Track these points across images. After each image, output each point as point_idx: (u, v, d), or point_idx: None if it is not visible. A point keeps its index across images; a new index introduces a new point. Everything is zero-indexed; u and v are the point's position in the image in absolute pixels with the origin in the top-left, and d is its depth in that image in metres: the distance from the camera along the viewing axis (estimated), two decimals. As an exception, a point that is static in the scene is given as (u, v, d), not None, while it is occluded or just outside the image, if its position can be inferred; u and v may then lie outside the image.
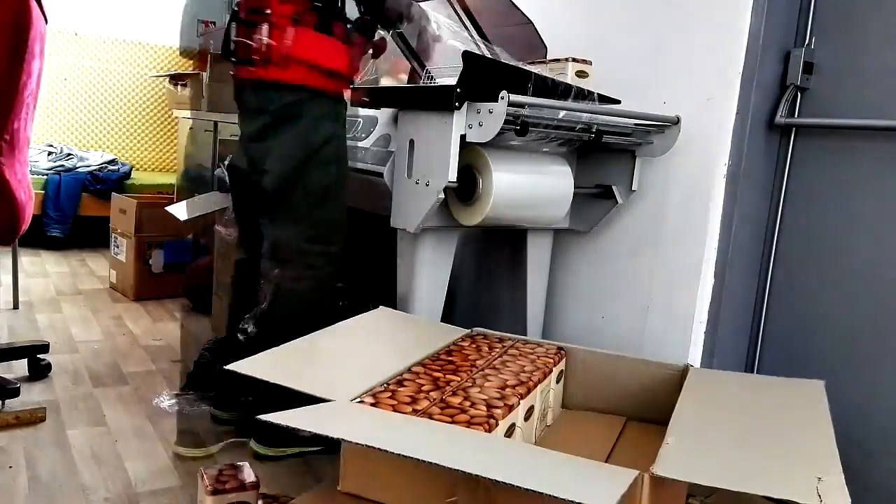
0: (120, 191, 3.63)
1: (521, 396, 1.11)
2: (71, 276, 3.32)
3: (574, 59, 1.65)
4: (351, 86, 1.61)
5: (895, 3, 1.46)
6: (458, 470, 0.77)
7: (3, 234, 1.66)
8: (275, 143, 1.55)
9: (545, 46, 1.80)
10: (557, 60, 1.68)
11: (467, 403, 1.04)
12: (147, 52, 4.45)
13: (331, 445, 1.59)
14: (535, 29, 1.78)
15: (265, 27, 1.49)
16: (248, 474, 1.29)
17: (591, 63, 1.67)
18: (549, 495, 0.72)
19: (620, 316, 1.76)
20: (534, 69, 1.46)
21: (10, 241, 1.71)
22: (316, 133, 1.54)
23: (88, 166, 3.90)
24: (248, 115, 1.62)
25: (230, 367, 1.04)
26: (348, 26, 1.57)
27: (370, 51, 1.67)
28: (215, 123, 3.00)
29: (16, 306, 2.67)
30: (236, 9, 1.56)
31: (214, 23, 3.90)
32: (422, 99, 1.46)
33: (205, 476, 1.26)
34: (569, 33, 1.86)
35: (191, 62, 4.47)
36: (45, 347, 2.08)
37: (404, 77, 1.97)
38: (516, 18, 1.79)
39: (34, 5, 1.57)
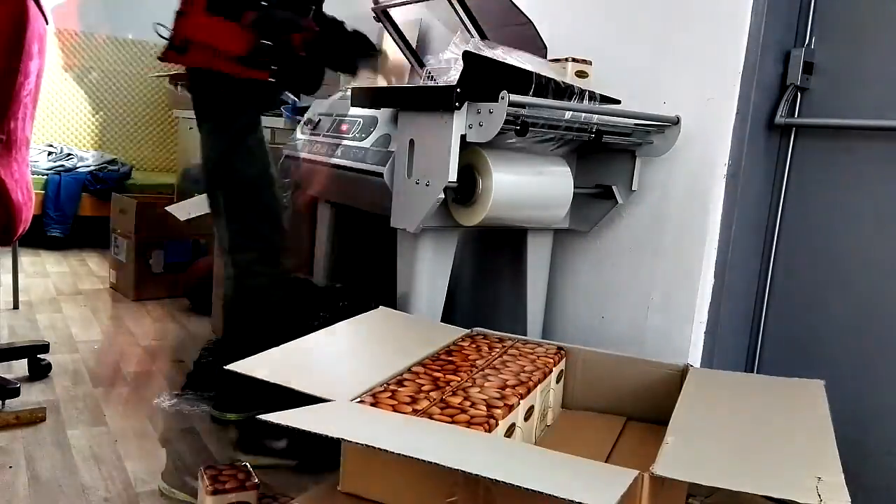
0: (120, 191, 3.63)
1: (521, 396, 1.11)
2: (71, 276, 3.32)
3: (574, 59, 1.65)
4: (251, 67, 1.52)
5: (895, 4, 1.46)
6: (458, 470, 0.77)
7: (0, 234, 1.65)
8: (202, 133, 1.54)
9: (545, 46, 1.80)
10: (557, 60, 1.68)
11: (467, 403, 1.04)
12: (147, 52, 4.45)
13: (305, 461, 1.61)
14: (535, 29, 1.78)
15: (175, 14, 1.49)
16: (249, 474, 1.29)
17: (590, 63, 1.67)
18: (549, 495, 0.72)
19: (620, 316, 1.76)
20: (534, 69, 1.46)
21: (7, 242, 1.70)
22: (234, 121, 1.51)
23: (88, 166, 3.91)
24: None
25: (230, 367, 1.04)
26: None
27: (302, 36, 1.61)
28: (215, 123, 2.99)
29: (16, 306, 2.67)
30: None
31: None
32: (422, 99, 1.46)
33: (205, 476, 1.26)
34: (569, 33, 1.86)
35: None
36: (45, 347, 2.08)
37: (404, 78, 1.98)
38: (516, 19, 1.79)
39: (31, 5, 1.56)
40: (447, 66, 1.62)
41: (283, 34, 1.56)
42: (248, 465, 1.32)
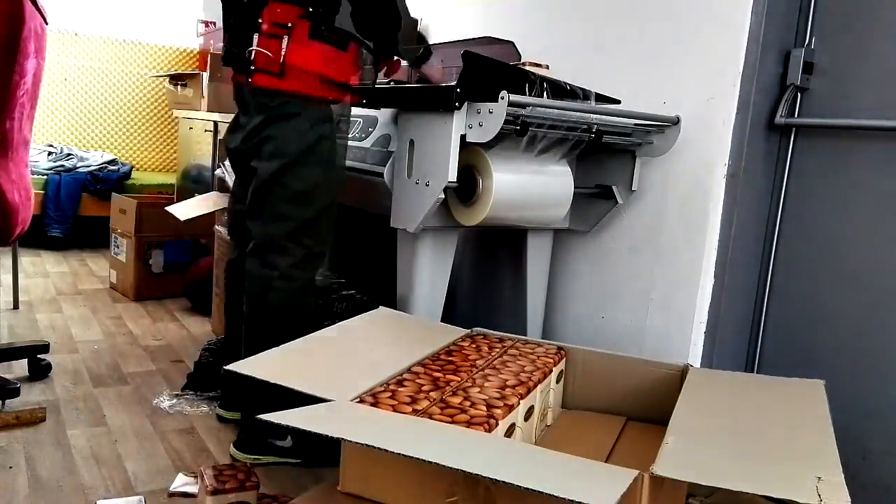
0: (120, 191, 3.63)
1: (521, 396, 1.11)
2: (71, 276, 3.32)
3: (532, 64, 1.68)
4: (347, 91, 1.62)
5: (895, 4, 1.46)
6: (458, 470, 0.77)
7: (-3, 235, 1.64)
8: (272, 136, 1.56)
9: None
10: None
11: (467, 403, 1.04)
12: (147, 52, 4.45)
13: (310, 459, 1.61)
14: (516, 47, 1.80)
15: (259, 38, 1.52)
16: (249, 474, 1.29)
17: (548, 67, 1.69)
18: (549, 495, 0.72)
19: (620, 316, 1.76)
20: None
21: (4, 243, 1.69)
22: (310, 132, 1.55)
23: (88, 166, 3.90)
24: (247, 113, 1.63)
25: (230, 367, 1.04)
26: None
27: (383, 67, 1.71)
28: (215, 123, 3.00)
29: (16, 306, 2.67)
30: (232, 21, 1.59)
31: (214, 23, 3.90)
32: (422, 99, 1.46)
33: (205, 476, 1.26)
34: (569, 33, 1.86)
35: (191, 62, 4.47)
36: (45, 347, 2.08)
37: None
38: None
39: (27, 3, 1.55)
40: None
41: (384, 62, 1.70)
42: (249, 466, 1.32)
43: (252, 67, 1.53)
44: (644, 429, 1.31)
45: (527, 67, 1.64)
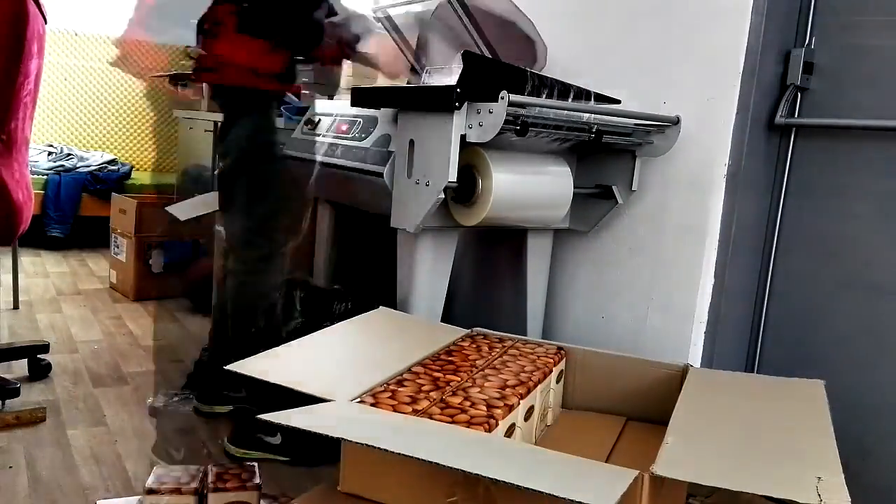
0: (120, 191, 3.63)
1: (521, 396, 1.11)
2: (71, 276, 3.32)
3: None
4: (287, 83, 1.66)
5: (895, 4, 1.46)
6: (458, 470, 0.77)
7: (1, 234, 1.66)
8: (230, 136, 1.64)
9: (545, 47, 1.80)
10: None
11: (467, 403, 1.04)
12: (147, 52, 4.45)
13: (299, 457, 1.63)
14: (538, 33, 1.78)
15: (200, 37, 1.60)
16: (251, 474, 1.29)
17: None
18: (549, 495, 0.72)
19: (620, 316, 1.76)
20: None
21: (8, 242, 1.71)
22: (257, 129, 1.62)
23: (88, 166, 3.90)
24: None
25: (230, 367, 1.04)
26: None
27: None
28: (215, 123, 3.00)
29: (16, 306, 2.67)
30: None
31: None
32: (422, 99, 1.46)
33: (209, 473, 1.27)
34: (569, 33, 1.86)
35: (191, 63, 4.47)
36: (45, 347, 2.08)
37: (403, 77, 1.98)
38: (515, 29, 1.79)
39: (31, 4, 1.56)
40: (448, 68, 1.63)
41: (313, 50, 1.72)
42: (254, 466, 1.32)
43: (197, 66, 1.60)
44: (644, 429, 1.31)
45: None
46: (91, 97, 4.35)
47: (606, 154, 1.69)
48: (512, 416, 1.07)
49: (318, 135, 1.90)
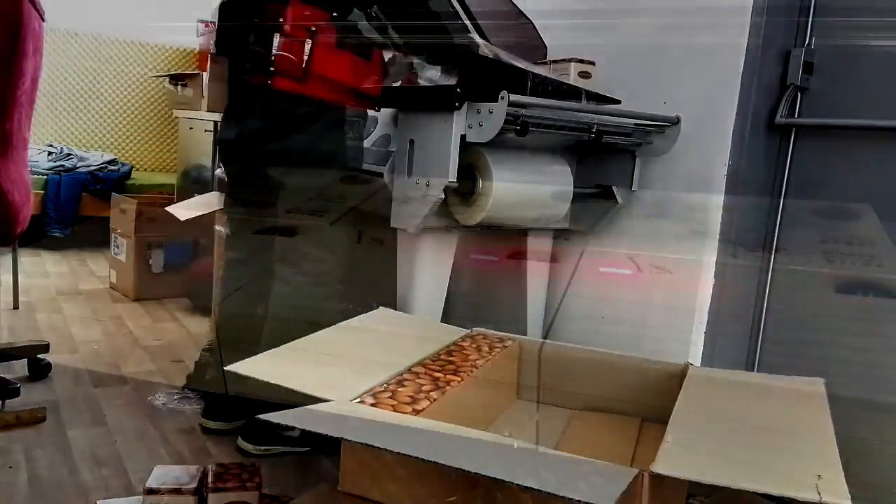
0: (120, 191, 3.62)
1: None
2: (71, 276, 3.32)
3: (577, 60, 1.65)
4: (366, 100, 1.61)
5: (895, 4, 1.46)
6: (458, 469, 0.77)
7: (-2, 235, 1.65)
8: (299, 144, 1.56)
9: (545, 46, 1.80)
10: (559, 61, 1.68)
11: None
12: (147, 52, 4.45)
13: (318, 446, 1.62)
14: (536, 29, 1.78)
15: (281, 40, 1.48)
16: (251, 474, 1.29)
17: (594, 63, 1.67)
18: (550, 494, 0.72)
19: (620, 316, 1.76)
20: (536, 69, 1.46)
21: (6, 243, 1.70)
22: (339, 143, 1.56)
23: (88, 166, 3.90)
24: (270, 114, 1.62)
25: (230, 367, 1.04)
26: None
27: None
28: (215, 123, 2.99)
29: (16, 306, 2.67)
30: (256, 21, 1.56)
31: (214, 23, 3.90)
32: (422, 99, 1.46)
33: (210, 473, 1.27)
34: (568, 32, 1.86)
35: (191, 62, 4.47)
36: (45, 347, 2.08)
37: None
38: (516, 18, 1.79)
39: (26, 3, 1.55)
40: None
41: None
42: (256, 465, 1.32)
43: (272, 69, 1.50)
44: (644, 428, 1.31)
45: (572, 65, 1.64)
46: (91, 97, 4.35)
47: (606, 154, 1.69)
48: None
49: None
